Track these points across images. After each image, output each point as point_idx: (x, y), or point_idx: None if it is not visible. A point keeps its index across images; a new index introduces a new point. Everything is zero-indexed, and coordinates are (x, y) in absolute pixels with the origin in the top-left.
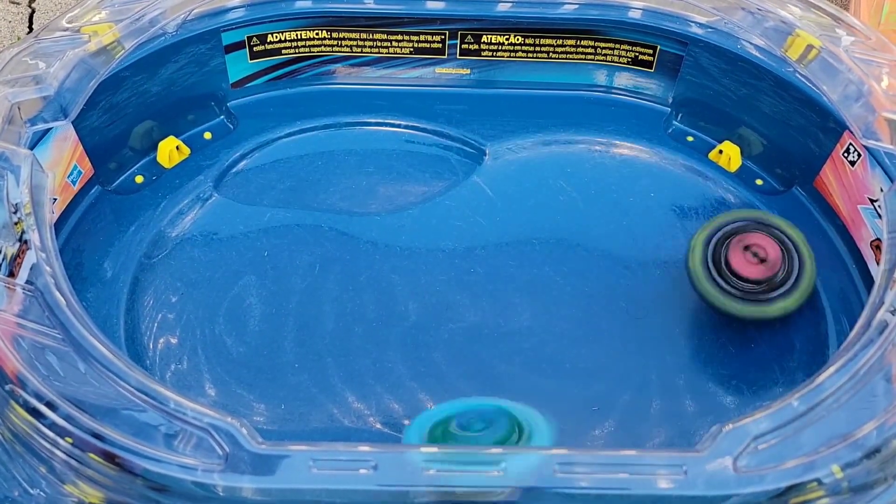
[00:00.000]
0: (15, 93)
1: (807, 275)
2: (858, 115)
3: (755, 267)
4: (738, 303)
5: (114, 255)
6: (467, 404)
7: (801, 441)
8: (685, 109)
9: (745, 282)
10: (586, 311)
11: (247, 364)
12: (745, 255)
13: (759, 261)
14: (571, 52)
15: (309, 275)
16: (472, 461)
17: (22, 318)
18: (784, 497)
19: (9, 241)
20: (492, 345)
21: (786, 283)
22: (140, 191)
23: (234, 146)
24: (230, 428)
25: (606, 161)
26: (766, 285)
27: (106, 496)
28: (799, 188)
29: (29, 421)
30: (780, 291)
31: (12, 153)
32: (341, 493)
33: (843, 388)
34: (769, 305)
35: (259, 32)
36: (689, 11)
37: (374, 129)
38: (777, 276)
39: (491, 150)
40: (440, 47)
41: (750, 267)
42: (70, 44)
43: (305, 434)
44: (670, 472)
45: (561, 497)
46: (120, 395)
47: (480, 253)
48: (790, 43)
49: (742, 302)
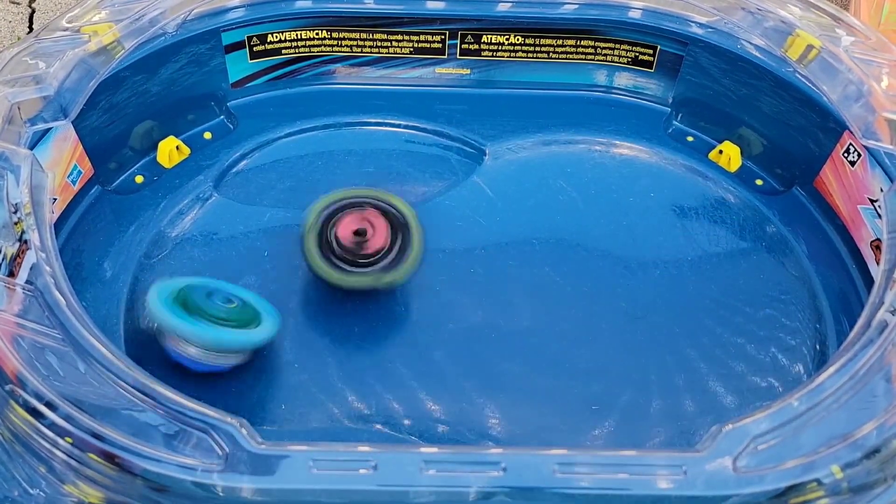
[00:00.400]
0: (15, 93)
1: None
2: (858, 115)
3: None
4: (347, 275)
5: (114, 255)
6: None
7: (801, 441)
8: (685, 109)
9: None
10: (586, 311)
11: (247, 364)
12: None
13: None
14: (571, 52)
15: (309, 274)
16: (472, 461)
17: (22, 318)
18: (784, 497)
19: (9, 241)
20: (492, 345)
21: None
22: (140, 191)
23: (234, 146)
24: (230, 428)
25: (606, 161)
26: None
27: (106, 496)
28: (799, 188)
29: (29, 421)
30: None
31: (12, 153)
32: (341, 493)
33: (843, 388)
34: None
35: (259, 32)
36: (689, 11)
37: (374, 129)
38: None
39: (491, 150)
40: (440, 47)
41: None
42: (70, 44)
43: (305, 434)
44: (670, 472)
45: (561, 497)
46: (120, 395)
47: (480, 253)
48: (790, 43)
49: (351, 273)
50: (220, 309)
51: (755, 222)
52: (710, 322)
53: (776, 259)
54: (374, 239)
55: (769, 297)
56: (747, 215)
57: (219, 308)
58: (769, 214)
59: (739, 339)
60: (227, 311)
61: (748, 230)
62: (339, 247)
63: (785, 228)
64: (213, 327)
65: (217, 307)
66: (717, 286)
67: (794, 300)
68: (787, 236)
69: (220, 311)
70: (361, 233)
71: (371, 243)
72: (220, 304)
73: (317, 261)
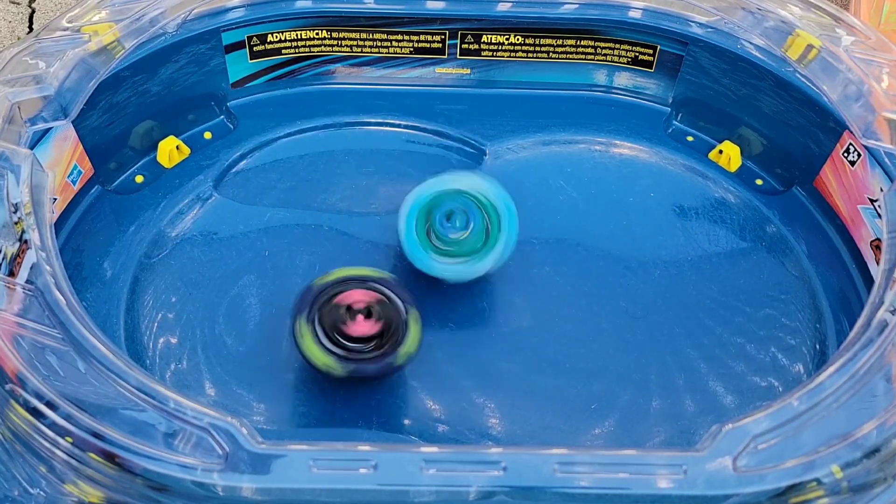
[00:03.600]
0: (15, 92)
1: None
2: (858, 115)
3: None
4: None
5: (114, 254)
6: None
7: (801, 441)
8: (685, 109)
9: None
10: (586, 311)
11: (247, 364)
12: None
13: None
14: (571, 52)
15: (309, 275)
16: (472, 461)
17: (22, 318)
18: (784, 497)
19: (9, 241)
20: (492, 345)
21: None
22: (140, 191)
23: (234, 146)
24: (230, 427)
25: (606, 161)
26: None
27: (106, 496)
28: (799, 188)
29: (29, 420)
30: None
31: (12, 153)
32: (341, 493)
33: (843, 388)
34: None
35: (259, 32)
36: (689, 11)
37: (374, 129)
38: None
39: (491, 150)
40: (440, 47)
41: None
42: (70, 44)
43: (305, 434)
44: (670, 472)
45: (561, 497)
46: (120, 394)
47: None
48: (790, 43)
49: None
50: (447, 237)
51: (755, 222)
52: (710, 322)
53: (776, 259)
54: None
55: (769, 297)
56: (747, 215)
57: (446, 236)
58: (769, 214)
59: (739, 339)
60: (453, 242)
61: (748, 230)
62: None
63: (785, 228)
64: (428, 259)
65: (445, 234)
66: (717, 286)
67: (794, 300)
68: (787, 236)
69: (446, 240)
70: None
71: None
72: (452, 230)
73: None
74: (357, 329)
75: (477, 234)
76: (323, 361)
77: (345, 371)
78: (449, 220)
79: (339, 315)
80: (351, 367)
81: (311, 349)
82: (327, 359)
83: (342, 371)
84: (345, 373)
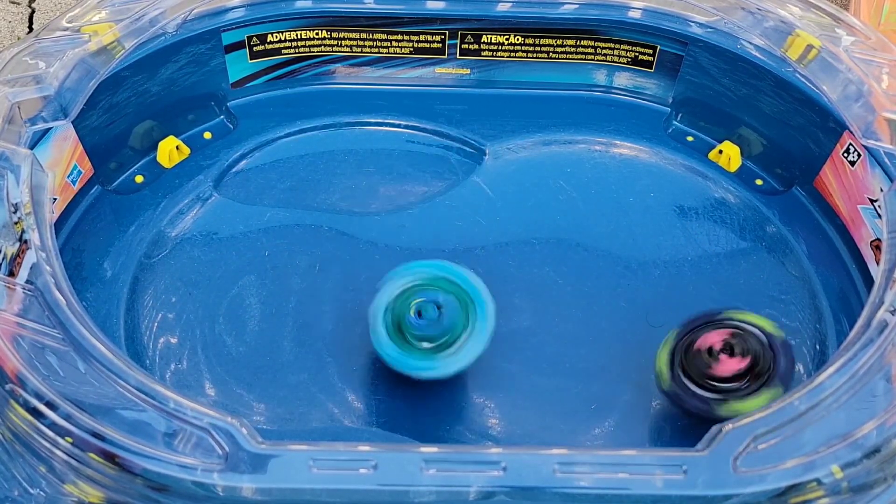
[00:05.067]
0: (15, 92)
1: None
2: (858, 115)
3: (732, 361)
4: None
5: (114, 254)
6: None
7: (801, 441)
8: (685, 109)
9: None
10: (586, 311)
11: (247, 364)
12: (718, 355)
13: (730, 353)
14: (571, 52)
15: (309, 275)
16: (472, 461)
17: (22, 318)
18: (784, 497)
19: (9, 241)
20: (492, 345)
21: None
22: (140, 191)
23: (234, 146)
24: (230, 427)
25: (606, 161)
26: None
27: (106, 496)
28: (799, 188)
29: (29, 421)
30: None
31: (12, 153)
32: (341, 493)
33: (843, 388)
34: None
35: (259, 32)
36: (689, 11)
37: (374, 129)
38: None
39: (491, 150)
40: (440, 47)
41: (728, 363)
42: (70, 44)
43: (305, 434)
44: (670, 472)
45: (561, 497)
46: (120, 394)
47: (480, 253)
48: (790, 43)
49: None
50: (420, 329)
51: (755, 222)
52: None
53: (776, 259)
54: (725, 364)
55: (769, 297)
56: (747, 215)
57: (420, 328)
58: (769, 214)
59: None
60: (426, 331)
61: (748, 230)
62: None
63: (785, 228)
64: (405, 353)
65: (418, 327)
66: (717, 286)
67: (794, 300)
68: (787, 236)
69: (420, 331)
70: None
71: (720, 368)
72: (423, 321)
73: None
74: (723, 368)
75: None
76: (660, 367)
77: (668, 388)
78: (420, 315)
79: (703, 360)
80: (674, 389)
81: (661, 355)
82: (665, 368)
83: (667, 387)
84: (668, 390)
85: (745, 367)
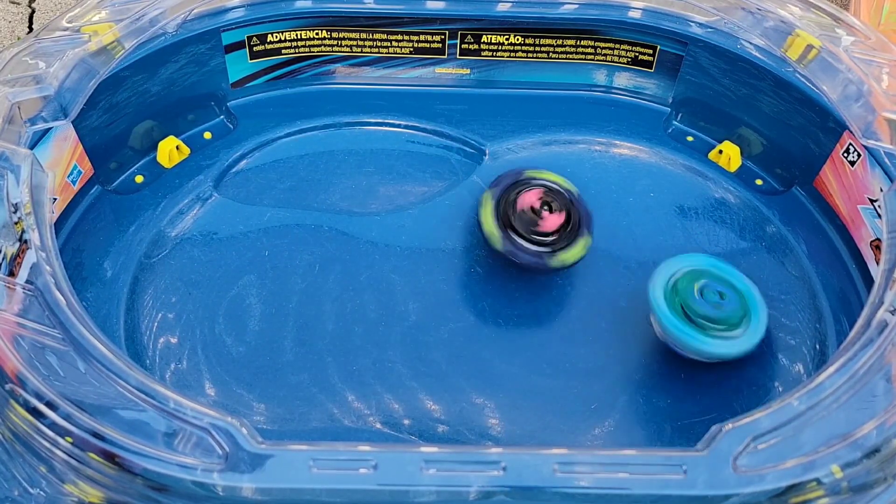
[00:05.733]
0: (15, 92)
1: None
2: (858, 115)
3: (553, 216)
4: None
5: (114, 254)
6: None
7: (801, 441)
8: (685, 109)
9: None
10: (586, 311)
11: (247, 364)
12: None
13: (550, 210)
14: (571, 52)
15: (309, 275)
16: (472, 461)
17: (22, 318)
18: (784, 497)
19: (9, 241)
20: (492, 345)
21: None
22: (140, 191)
23: (234, 146)
24: (230, 427)
25: (606, 161)
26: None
27: (106, 496)
28: (799, 188)
29: (29, 420)
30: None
31: (12, 153)
32: (341, 493)
33: (843, 388)
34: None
35: (259, 32)
36: (689, 11)
37: (374, 129)
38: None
39: (491, 150)
40: (440, 47)
41: (551, 218)
42: (70, 44)
43: (305, 434)
44: (670, 472)
45: (561, 497)
46: (120, 394)
47: (480, 253)
48: (790, 43)
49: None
50: (707, 309)
51: (755, 222)
52: None
53: (776, 259)
54: (549, 220)
55: (769, 297)
56: (747, 215)
57: (705, 308)
58: (769, 214)
59: None
60: (713, 313)
61: (748, 230)
62: (515, 219)
63: (785, 228)
64: (692, 332)
65: (704, 307)
66: None
67: (794, 300)
68: (787, 236)
69: (706, 312)
70: (537, 211)
71: (545, 224)
72: (708, 302)
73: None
74: (548, 224)
75: (735, 305)
76: (489, 230)
77: (503, 247)
78: (703, 295)
79: (529, 218)
80: (509, 247)
81: (486, 218)
82: (494, 229)
83: (501, 246)
84: (502, 249)
85: (563, 220)
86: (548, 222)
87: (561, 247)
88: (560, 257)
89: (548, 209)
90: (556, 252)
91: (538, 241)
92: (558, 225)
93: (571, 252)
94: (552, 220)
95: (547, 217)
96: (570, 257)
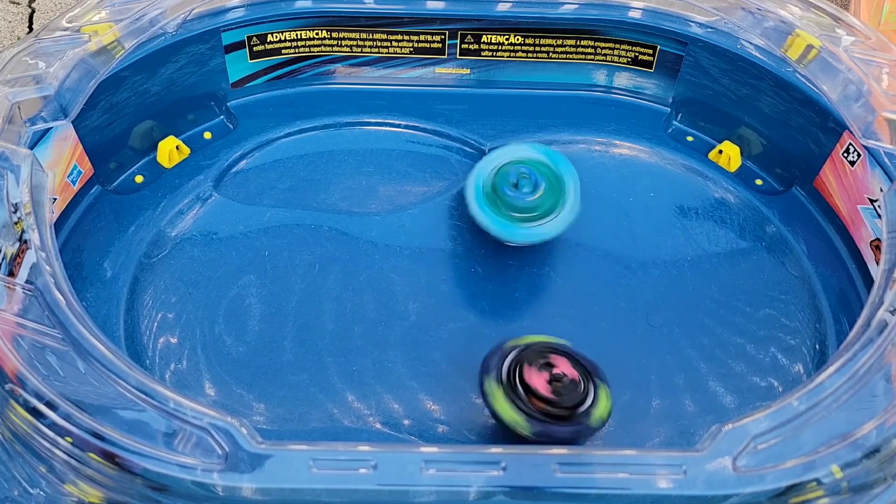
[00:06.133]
0: (15, 92)
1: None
2: (858, 115)
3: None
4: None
5: (114, 254)
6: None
7: (801, 441)
8: (685, 109)
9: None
10: (586, 311)
11: (247, 364)
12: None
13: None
14: (571, 52)
15: (309, 275)
16: (472, 460)
17: (22, 318)
18: (784, 497)
19: (9, 241)
20: (492, 344)
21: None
22: (140, 191)
23: (234, 146)
24: (230, 427)
25: (606, 161)
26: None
27: (106, 496)
28: (799, 188)
29: (29, 420)
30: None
31: (12, 153)
32: (341, 493)
33: (843, 388)
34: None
35: (259, 32)
36: (689, 11)
37: (374, 129)
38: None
39: (491, 150)
40: (440, 47)
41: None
42: (70, 44)
43: (305, 434)
44: (670, 472)
45: (561, 497)
46: (120, 394)
47: (480, 253)
48: (790, 43)
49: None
50: (522, 200)
51: (755, 222)
52: (710, 322)
53: (776, 259)
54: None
55: (769, 297)
56: (747, 215)
57: (521, 200)
58: (769, 214)
59: (739, 339)
60: (528, 203)
61: (748, 230)
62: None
63: (785, 228)
64: (504, 223)
65: (519, 199)
66: (717, 286)
67: (794, 300)
68: (787, 236)
69: (521, 203)
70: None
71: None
72: (523, 194)
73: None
74: (569, 398)
75: (549, 193)
76: (512, 419)
77: (531, 431)
78: (517, 187)
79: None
80: (538, 428)
81: (504, 410)
82: (520, 418)
83: (529, 431)
84: (531, 433)
85: (581, 392)
86: (569, 396)
87: (589, 407)
88: (595, 416)
89: (560, 386)
90: (590, 412)
91: (567, 412)
92: (578, 400)
93: (602, 406)
94: (570, 396)
95: (564, 394)
96: (604, 411)
